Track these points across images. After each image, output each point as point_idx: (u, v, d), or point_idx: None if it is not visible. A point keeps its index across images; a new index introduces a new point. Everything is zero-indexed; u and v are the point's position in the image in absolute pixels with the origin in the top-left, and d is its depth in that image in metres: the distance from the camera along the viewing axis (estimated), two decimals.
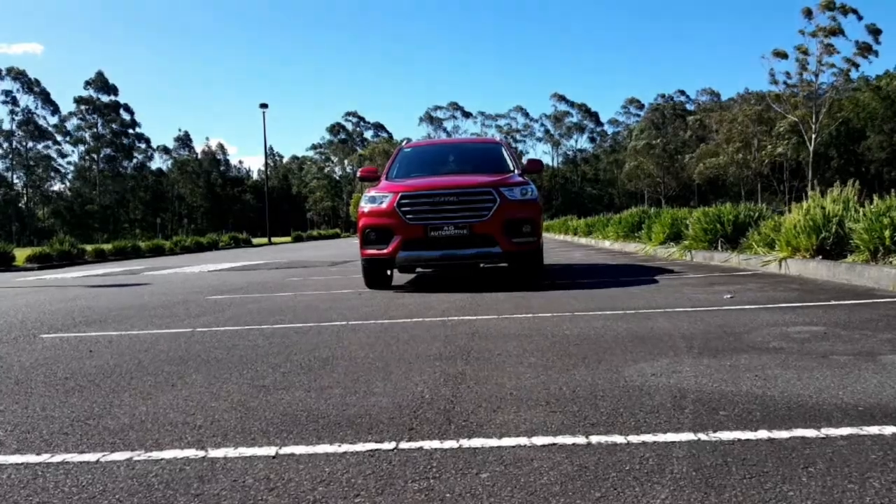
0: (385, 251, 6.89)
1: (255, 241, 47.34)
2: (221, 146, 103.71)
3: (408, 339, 3.87)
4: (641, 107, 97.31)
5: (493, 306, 5.28)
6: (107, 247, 26.88)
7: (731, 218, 9.96)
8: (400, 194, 6.91)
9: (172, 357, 3.69)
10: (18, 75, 77.01)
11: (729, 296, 5.26)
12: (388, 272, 7.63)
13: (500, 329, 4.11)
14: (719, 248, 9.71)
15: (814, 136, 53.01)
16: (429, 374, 2.92)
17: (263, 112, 49.75)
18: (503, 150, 8.75)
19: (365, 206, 7.15)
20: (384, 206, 6.95)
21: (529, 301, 5.54)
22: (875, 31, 51.31)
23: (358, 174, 8.39)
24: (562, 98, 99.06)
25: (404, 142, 9.23)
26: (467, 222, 6.76)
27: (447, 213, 6.79)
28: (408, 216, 6.82)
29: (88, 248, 25.83)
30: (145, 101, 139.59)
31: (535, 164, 8.32)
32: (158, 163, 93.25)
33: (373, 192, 7.19)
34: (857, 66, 52.33)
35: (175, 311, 6.06)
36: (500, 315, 4.75)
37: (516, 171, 7.90)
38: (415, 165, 8.44)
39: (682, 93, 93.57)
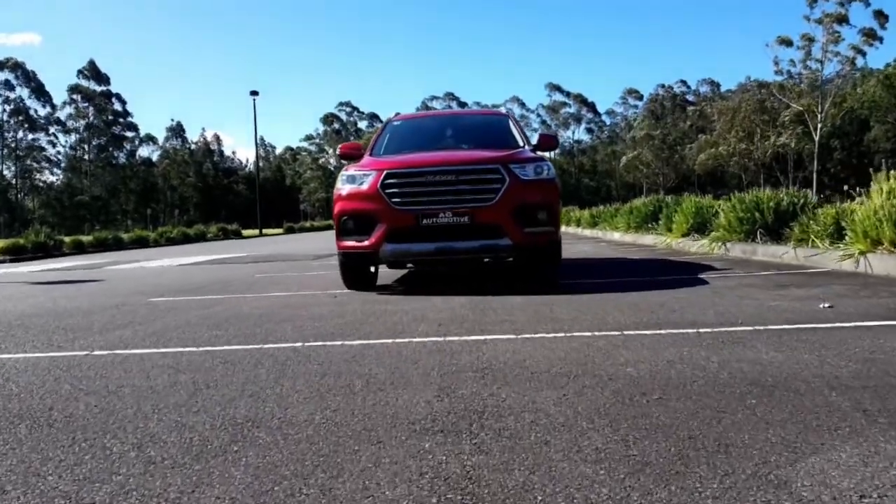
0: (366, 244, 5.50)
1: (246, 232, 46.01)
2: (217, 137, 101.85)
3: (383, 382, 2.49)
4: (641, 97, 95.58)
5: (506, 317, 3.90)
6: (86, 238, 25.67)
7: (772, 205, 8.60)
8: (385, 172, 5.51)
9: (0, 412, 2.31)
10: (14, 67, 74.87)
11: (826, 305, 3.89)
12: (372, 269, 6.25)
13: (523, 361, 2.73)
14: (758, 239, 8.35)
15: (819, 125, 51.71)
16: (411, 481, 1.53)
17: (254, 100, 48.29)
18: (510, 122, 7.34)
19: (342, 188, 5.75)
20: (365, 187, 5.56)
21: (554, 308, 4.16)
22: (882, 16, 49.93)
23: (338, 151, 6.97)
24: (556, 88, 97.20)
25: (393, 114, 7.82)
26: (469, 207, 5.38)
27: (444, 195, 5.40)
28: (394, 200, 5.42)
29: (66, 239, 24.69)
30: (145, 93, 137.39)
31: (550, 140, 6.90)
32: (153, 154, 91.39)
33: (352, 170, 5.79)
34: (863, 53, 51.04)
35: (93, 319, 4.68)
36: (518, 333, 3.37)
37: (527, 147, 6.51)
38: (406, 140, 7.04)
39: (683, 83, 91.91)
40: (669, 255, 9.06)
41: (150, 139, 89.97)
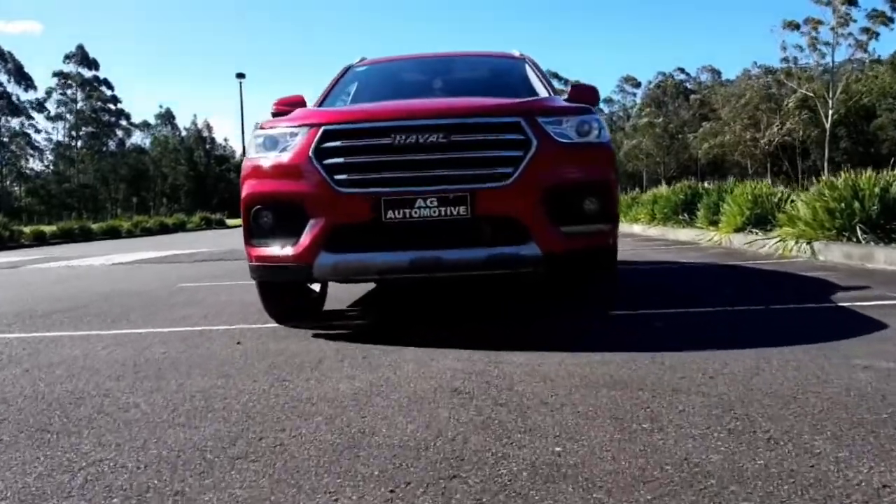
0: (290, 253, 3.15)
1: (232, 222, 43.70)
2: (208, 124, 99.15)
3: None
4: (638, 85, 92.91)
5: (555, 449, 1.60)
6: (48, 229, 23.54)
7: (877, 192, 6.34)
8: (322, 129, 3.14)
9: None
10: None
11: None
12: (317, 287, 3.98)
13: None
14: (859, 238, 6.09)
15: (830, 111, 49.66)
16: None
17: (240, 83, 45.81)
18: (528, 68, 5.00)
19: (255, 158, 3.38)
20: (288, 155, 3.20)
21: (655, 409, 1.87)
22: None
23: (272, 108, 4.56)
24: (554, 75, 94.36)
25: (357, 59, 5.45)
26: (467, 189, 3.04)
27: (424, 169, 3.06)
28: (338, 177, 3.07)
29: (26, 230, 22.59)
30: (143, 81, 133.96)
31: (587, 92, 4.37)
32: (145, 141, 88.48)
33: (272, 128, 3.43)
34: (876, 34, 49.02)
35: None
36: None
37: (558, 98, 4.19)
38: (375, 91, 4.73)
39: (682, 70, 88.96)
40: (732, 258, 6.77)
41: (147, 125, 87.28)
